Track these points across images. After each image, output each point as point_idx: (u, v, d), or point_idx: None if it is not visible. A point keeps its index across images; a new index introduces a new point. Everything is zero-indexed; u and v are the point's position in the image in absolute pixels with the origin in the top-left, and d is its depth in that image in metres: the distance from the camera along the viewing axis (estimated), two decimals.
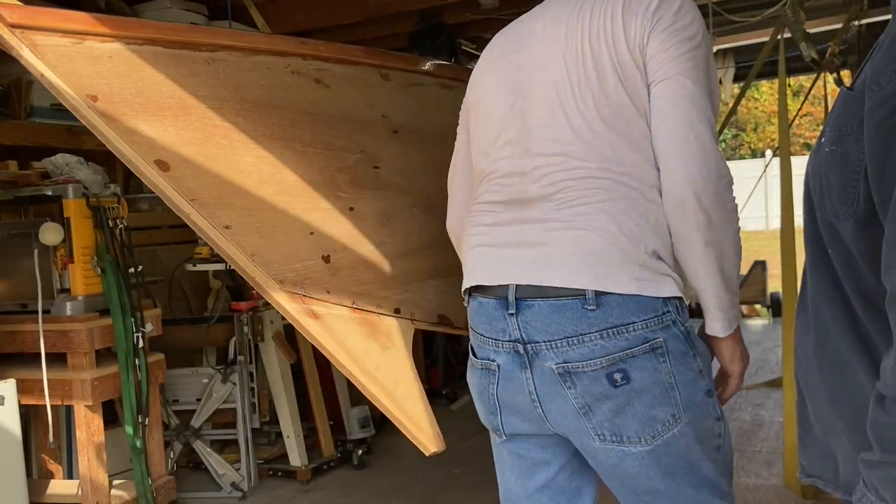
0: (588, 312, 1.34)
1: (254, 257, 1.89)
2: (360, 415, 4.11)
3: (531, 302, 1.39)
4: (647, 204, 1.38)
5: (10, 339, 3.22)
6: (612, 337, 1.35)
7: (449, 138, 1.88)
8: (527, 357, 1.41)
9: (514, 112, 1.49)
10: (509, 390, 1.47)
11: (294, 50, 2.02)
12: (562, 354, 1.37)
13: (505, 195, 1.49)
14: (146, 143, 1.71)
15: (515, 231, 1.46)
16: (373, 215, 2.19)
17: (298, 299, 1.97)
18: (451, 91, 2.52)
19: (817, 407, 1.18)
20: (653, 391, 1.36)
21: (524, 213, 1.45)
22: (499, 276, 1.45)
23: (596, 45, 1.40)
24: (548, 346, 1.38)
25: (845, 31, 4.50)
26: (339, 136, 2.12)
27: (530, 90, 1.47)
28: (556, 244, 1.39)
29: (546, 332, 1.37)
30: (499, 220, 1.50)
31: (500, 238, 1.49)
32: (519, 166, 1.47)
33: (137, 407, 3.21)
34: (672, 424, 1.38)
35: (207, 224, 1.80)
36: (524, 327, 1.40)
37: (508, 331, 1.42)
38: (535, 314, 1.38)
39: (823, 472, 1.21)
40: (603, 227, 1.36)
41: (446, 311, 2.41)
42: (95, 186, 3.21)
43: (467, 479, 3.68)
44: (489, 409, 1.55)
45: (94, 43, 1.63)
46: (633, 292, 1.34)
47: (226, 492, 3.67)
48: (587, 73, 1.40)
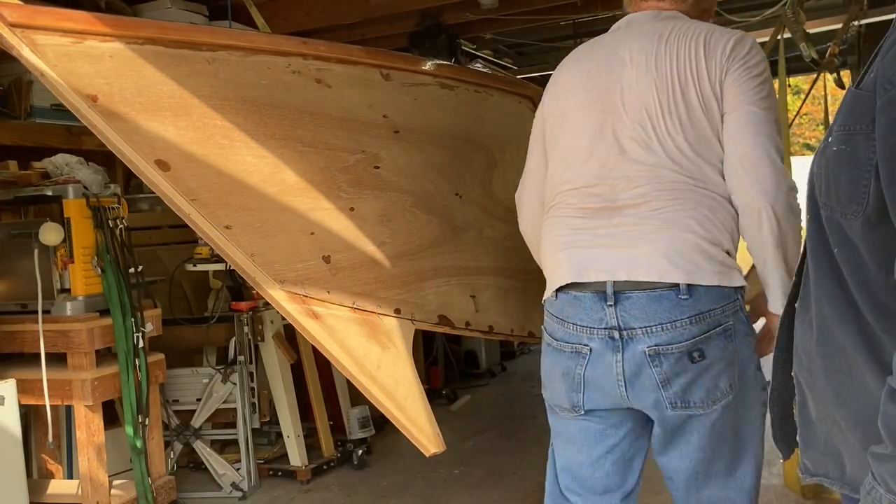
0: (682, 301, 1.60)
1: (254, 257, 1.89)
2: (360, 415, 4.10)
3: (629, 294, 1.63)
4: (722, 212, 1.65)
5: (10, 339, 3.21)
6: (698, 322, 1.60)
7: (450, 139, 1.88)
8: (620, 342, 1.64)
9: (605, 130, 1.72)
10: (597, 371, 1.68)
11: (295, 50, 2.02)
12: (654, 338, 1.61)
13: (595, 203, 1.71)
14: (146, 143, 1.71)
15: (607, 234, 1.69)
16: (373, 215, 2.19)
17: (299, 299, 1.97)
18: (452, 91, 2.52)
19: (821, 406, 1.18)
20: (719, 366, 1.63)
21: (615, 219, 1.68)
22: (596, 274, 1.67)
23: (683, 78, 1.66)
24: (643, 331, 1.62)
25: (845, 31, 4.49)
26: (340, 136, 2.12)
27: (621, 112, 1.70)
28: (650, 245, 1.63)
29: (643, 319, 1.62)
30: (589, 224, 1.72)
31: (592, 240, 1.70)
32: (609, 178, 1.70)
33: (137, 407, 3.21)
34: (729, 392, 1.65)
35: (207, 224, 1.80)
36: (622, 316, 1.63)
37: (606, 319, 1.65)
38: (632, 304, 1.62)
39: (828, 470, 1.22)
40: (690, 230, 1.62)
41: (446, 311, 2.41)
42: (95, 186, 3.21)
43: (467, 479, 3.68)
44: (572, 388, 1.74)
45: (95, 42, 1.63)
46: (715, 283, 1.61)
47: (226, 492, 3.66)
48: (676, 102, 1.66)
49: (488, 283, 2.62)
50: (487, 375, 5.92)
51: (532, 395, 5.41)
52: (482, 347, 5.94)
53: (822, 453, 1.22)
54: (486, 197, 2.65)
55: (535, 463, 3.90)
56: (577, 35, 6.23)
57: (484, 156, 2.64)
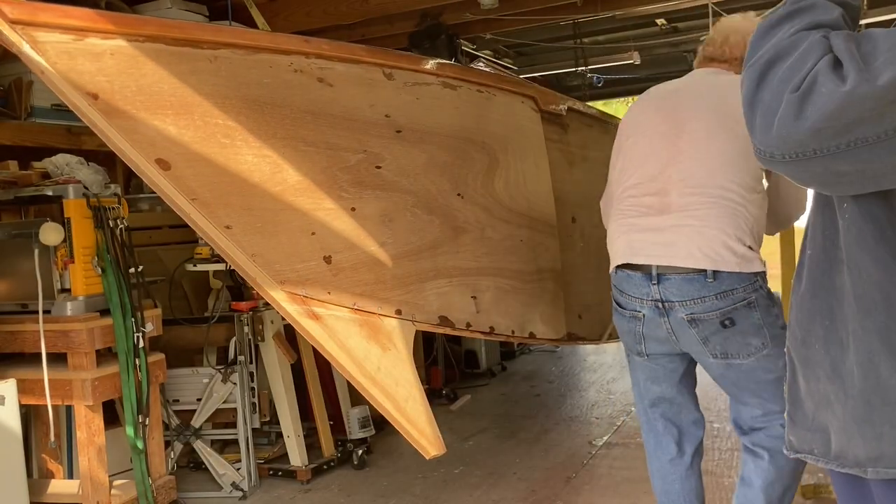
0: (708, 283, 2.15)
1: (255, 257, 1.89)
2: (360, 415, 4.10)
3: (668, 276, 2.19)
4: (746, 215, 2.16)
5: (10, 339, 3.21)
6: (723, 298, 2.14)
7: (452, 138, 1.88)
8: (664, 310, 2.22)
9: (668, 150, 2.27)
10: (652, 329, 2.29)
11: (297, 48, 2.00)
12: (689, 309, 2.18)
13: (650, 205, 2.27)
14: (147, 142, 1.70)
15: (655, 230, 2.24)
16: (375, 216, 2.18)
17: (299, 300, 1.96)
18: (454, 91, 2.51)
19: (814, 380, 1.20)
20: (749, 329, 2.17)
21: (662, 218, 2.23)
22: (644, 259, 2.24)
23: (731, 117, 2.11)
24: (680, 304, 2.19)
25: None
26: (342, 135, 2.10)
27: (680, 139, 2.25)
28: (686, 240, 2.17)
29: (679, 295, 2.18)
30: (643, 221, 2.27)
31: (644, 234, 2.26)
32: (665, 188, 2.25)
33: (138, 407, 3.20)
34: (762, 348, 2.19)
35: (208, 224, 1.79)
36: (663, 292, 2.21)
37: (651, 294, 2.23)
38: (671, 284, 2.19)
39: (813, 446, 1.24)
40: (719, 229, 2.15)
41: (447, 312, 2.40)
42: (96, 186, 3.20)
43: (467, 479, 3.67)
44: (636, 341, 2.36)
45: (96, 40, 1.62)
46: (736, 270, 2.14)
47: (226, 492, 3.66)
48: (724, 135, 2.19)
49: (489, 284, 2.61)
50: (487, 375, 5.91)
51: (532, 395, 5.40)
52: (482, 347, 5.94)
53: (808, 430, 1.24)
54: (487, 197, 2.64)
55: (535, 463, 3.89)
56: (577, 35, 6.23)
57: (486, 156, 2.63)
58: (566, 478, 3.66)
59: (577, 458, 3.93)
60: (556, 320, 2.99)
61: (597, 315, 3.38)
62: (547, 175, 3.01)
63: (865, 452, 1.13)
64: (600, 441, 4.19)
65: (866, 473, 1.14)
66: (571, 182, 3.26)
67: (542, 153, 3.01)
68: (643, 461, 2.59)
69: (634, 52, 6.20)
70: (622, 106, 14.97)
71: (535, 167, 2.95)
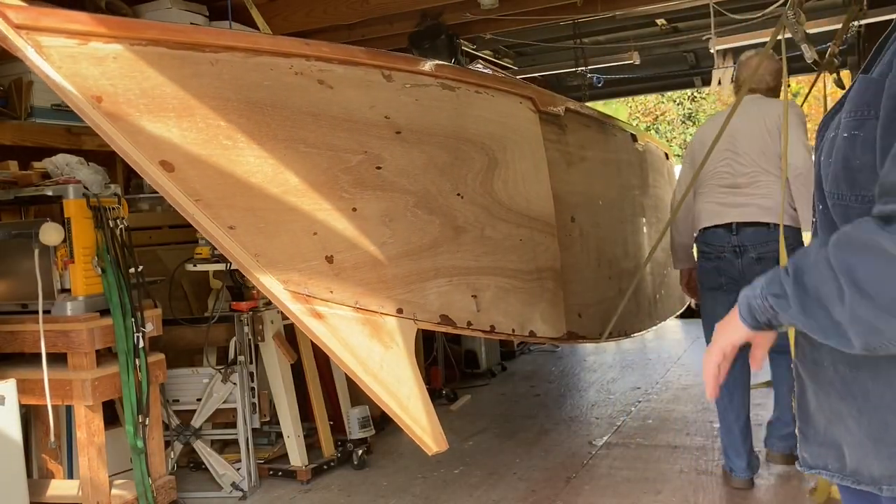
0: (770, 232, 3.23)
1: (258, 258, 1.90)
2: (360, 415, 4.11)
3: (744, 228, 3.31)
4: (787, 190, 3.17)
5: (10, 339, 3.22)
6: (778, 242, 3.07)
7: (451, 139, 1.89)
8: (740, 253, 3.31)
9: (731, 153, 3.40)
10: (728, 268, 3.35)
11: (297, 51, 2.01)
12: (757, 251, 3.28)
13: (726, 184, 3.40)
14: (151, 144, 1.71)
15: (732, 199, 3.37)
16: (375, 216, 2.19)
17: (302, 299, 1.97)
18: (453, 92, 2.52)
19: (823, 396, 1.19)
20: None
21: (737, 192, 3.37)
22: (726, 218, 3.36)
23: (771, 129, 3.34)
24: (752, 247, 3.29)
25: (845, 32, 4.51)
26: (342, 136, 2.11)
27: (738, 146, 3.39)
28: (754, 205, 3.31)
29: (751, 241, 3.29)
30: (723, 196, 3.40)
31: (725, 202, 3.39)
32: (733, 175, 3.39)
33: (138, 407, 3.21)
34: None
35: (212, 224, 1.80)
36: (740, 240, 3.32)
37: (731, 242, 3.34)
38: (745, 234, 3.31)
39: (827, 461, 1.23)
40: (774, 198, 3.25)
41: (448, 311, 2.41)
42: (96, 186, 3.21)
43: (467, 480, 3.68)
44: (717, 276, 3.40)
45: (99, 44, 1.63)
46: (788, 224, 3.20)
47: (226, 492, 3.67)
48: (767, 142, 3.34)
49: (489, 283, 2.62)
50: (487, 375, 5.92)
51: (532, 395, 5.41)
52: (482, 347, 5.95)
53: (820, 445, 1.23)
54: (487, 197, 2.65)
55: (535, 463, 3.90)
56: (577, 35, 6.24)
57: (485, 156, 2.64)
58: (566, 478, 3.67)
59: (577, 459, 3.94)
60: (555, 319, 3.00)
61: (596, 314, 3.39)
62: (545, 175, 3.02)
63: (881, 470, 1.13)
64: (600, 441, 4.20)
65: (882, 491, 1.14)
66: (570, 182, 3.27)
67: (541, 153, 3.02)
68: (643, 461, 2.60)
69: (634, 52, 6.21)
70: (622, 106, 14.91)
71: (534, 167, 2.96)
